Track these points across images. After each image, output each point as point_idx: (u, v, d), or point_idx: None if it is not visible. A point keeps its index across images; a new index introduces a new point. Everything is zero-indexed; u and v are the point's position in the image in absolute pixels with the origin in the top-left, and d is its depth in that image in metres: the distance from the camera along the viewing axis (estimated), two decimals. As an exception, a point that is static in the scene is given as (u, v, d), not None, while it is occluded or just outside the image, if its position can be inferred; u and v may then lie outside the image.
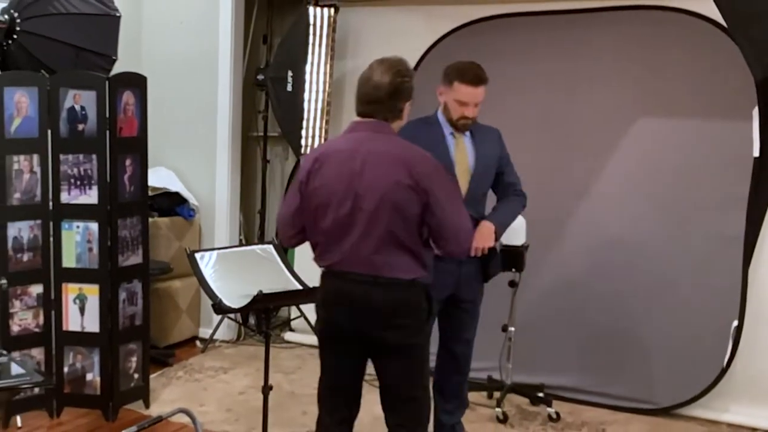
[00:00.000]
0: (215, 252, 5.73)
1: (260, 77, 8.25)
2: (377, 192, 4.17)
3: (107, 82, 6.08)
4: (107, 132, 6.09)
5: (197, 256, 5.59)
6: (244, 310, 5.20)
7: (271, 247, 5.92)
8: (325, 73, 7.67)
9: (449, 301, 5.49)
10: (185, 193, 8.15)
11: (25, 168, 5.96)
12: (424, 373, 4.52)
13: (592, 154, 6.88)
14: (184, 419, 5.49)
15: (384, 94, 4.29)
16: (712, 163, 6.50)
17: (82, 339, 6.24)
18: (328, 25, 7.63)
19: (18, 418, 6.10)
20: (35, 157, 6.00)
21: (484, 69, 5.28)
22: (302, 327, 8.29)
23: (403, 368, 4.45)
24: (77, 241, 6.15)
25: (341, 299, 4.37)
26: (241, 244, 8.29)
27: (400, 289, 4.27)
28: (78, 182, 6.09)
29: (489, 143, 5.47)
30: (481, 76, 5.24)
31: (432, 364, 5.81)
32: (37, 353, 6.16)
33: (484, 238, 5.24)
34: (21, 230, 5.99)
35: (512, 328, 6.45)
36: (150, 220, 6.95)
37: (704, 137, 6.53)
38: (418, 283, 4.32)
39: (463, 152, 5.38)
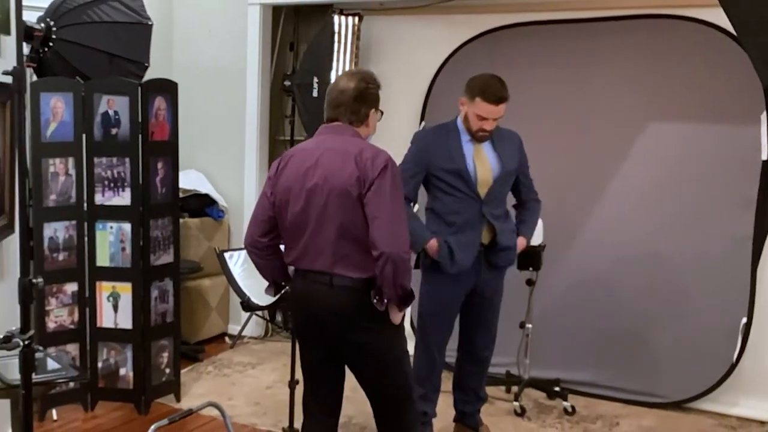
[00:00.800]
0: (243, 251, 5.71)
1: (287, 83, 8.24)
2: (327, 187, 4.13)
3: (140, 88, 6.08)
4: (140, 136, 6.10)
5: (226, 255, 5.59)
6: (271, 308, 5.20)
7: (298, 246, 5.90)
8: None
9: (470, 296, 5.54)
10: (215, 195, 8.15)
11: (60, 171, 5.96)
12: (400, 373, 4.44)
13: (606, 158, 6.86)
14: (213, 412, 5.49)
15: (348, 98, 4.31)
16: (723, 166, 6.47)
17: (115, 335, 6.24)
18: (353, 33, 7.62)
19: (54, 412, 6.12)
20: (70, 160, 6.00)
21: (506, 85, 5.31)
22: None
23: (376, 369, 4.39)
24: (111, 241, 6.14)
25: (304, 301, 4.34)
26: (268, 244, 8.26)
27: (357, 290, 4.17)
28: (111, 184, 6.09)
29: (509, 148, 5.51)
30: (502, 95, 5.26)
31: (453, 359, 5.87)
32: (72, 349, 6.17)
33: (520, 248, 5.61)
34: (57, 231, 5.99)
35: (530, 325, 6.47)
36: (180, 220, 6.96)
37: (715, 142, 6.50)
38: (360, 284, 4.19)
39: (483, 158, 5.42)
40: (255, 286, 5.31)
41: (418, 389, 5.61)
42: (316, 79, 7.66)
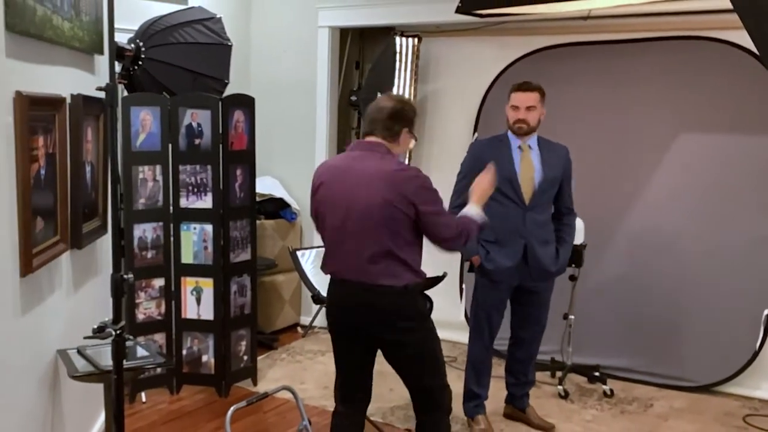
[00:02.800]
0: (314, 250, 5.72)
1: (353, 98, 8.25)
2: (367, 207, 4.10)
3: (220, 103, 6.10)
4: (220, 146, 6.11)
5: (298, 253, 5.60)
6: (339, 301, 5.16)
7: (362, 246, 5.89)
8: (409, 95, 7.63)
9: (517, 294, 5.60)
10: (288, 199, 8.15)
11: (148, 177, 5.99)
12: (433, 364, 4.41)
13: (640, 166, 6.87)
14: (287, 395, 5.48)
15: (384, 115, 4.26)
16: (747, 172, 6.49)
17: (198, 326, 6.26)
18: (413, 53, 7.61)
19: (143, 394, 6.16)
20: (158, 168, 6.03)
21: (535, 82, 5.41)
22: (390, 316, 8.21)
23: (409, 361, 4.36)
24: (194, 241, 6.16)
25: (344, 302, 4.31)
26: (336, 244, 8.27)
27: (393, 296, 4.16)
28: (195, 189, 6.11)
29: (555, 158, 5.51)
30: (529, 83, 5.40)
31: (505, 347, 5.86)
32: (159, 338, 6.20)
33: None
34: (145, 231, 6.02)
35: (572, 316, 6.48)
36: (257, 222, 6.97)
37: (739, 150, 6.51)
38: (410, 289, 4.20)
39: (528, 165, 5.43)
40: (324, 281, 5.31)
41: (472, 375, 5.63)
42: (379, 95, 7.61)
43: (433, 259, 4.67)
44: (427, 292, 5.23)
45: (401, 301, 4.18)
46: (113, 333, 3.52)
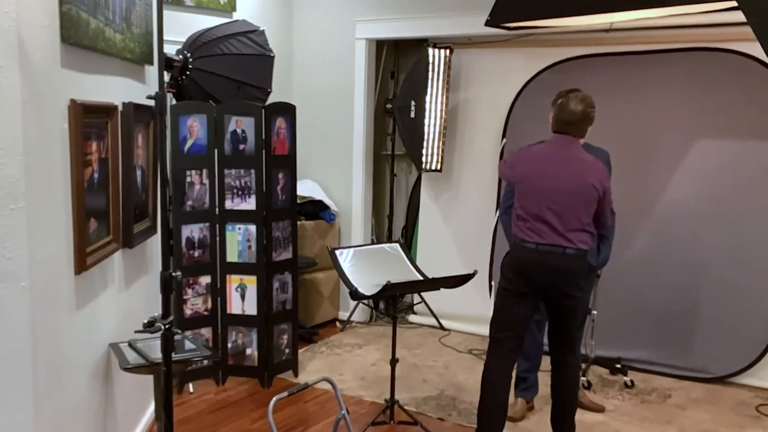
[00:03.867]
0: (352, 249, 5.70)
1: (388, 106, 8.25)
2: (575, 185, 4.71)
3: (263, 110, 6.08)
4: (263, 151, 6.10)
5: (337, 252, 5.57)
6: (375, 297, 5.17)
7: (397, 245, 5.91)
8: (441, 103, 7.62)
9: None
10: (327, 201, 8.13)
11: (196, 180, 5.99)
12: (585, 316, 5.25)
13: (659, 169, 6.87)
14: (326, 386, 5.48)
15: (577, 119, 4.84)
16: (760, 175, 6.50)
17: (242, 320, 6.26)
18: (444, 63, 7.59)
19: (190, 385, 6.17)
20: (204, 172, 6.03)
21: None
22: (423, 310, 8.25)
23: (574, 312, 4.87)
24: (239, 240, 6.16)
25: (538, 264, 4.76)
26: (372, 243, 8.27)
27: (578, 257, 4.74)
28: (239, 192, 6.10)
29: None
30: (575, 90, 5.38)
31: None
32: (206, 332, 6.20)
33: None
34: (193, 231, 6.02)
35: (595, 312, 6.41)
36: (298, 223, 6.95)
37: (754, 154, 6.51)
38: (585, 252, 4.79)
39: None
40: (361, 279, 5.31)
41: (520, 360, 5.74)
42: (413, 103, 7.65)
43: (463, 259, 4.70)
44: (458, 288, 5.26)
45: (582, 262, 4.80)
46: (162, 327, 3.51)
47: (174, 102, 6.02)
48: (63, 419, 3.62)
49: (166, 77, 5.83)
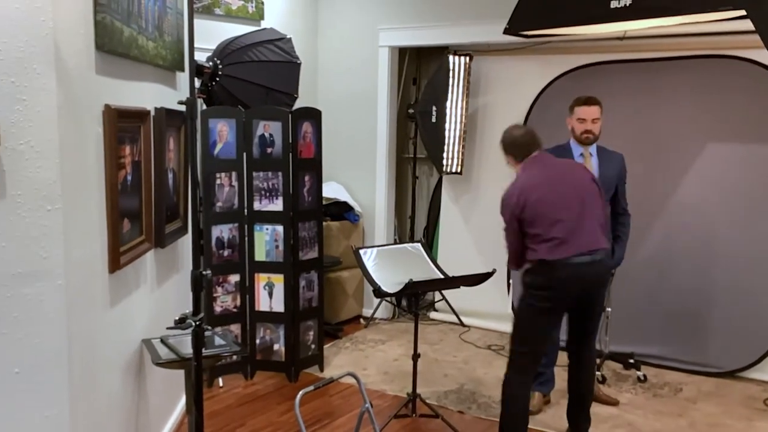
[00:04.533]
0: (375, 249, 5.68)
1: (411, 111, 8.24)
2: (586, 191, 4.68)
3: (290, 115, 6.07)
4: (290, 154, 6.09)
5: (361, 251, 5.55)
6: (398, 295, 5.15)
7: (419, 245, 5.90)
8: (461, 108, 7.60)
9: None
10: (351, 202, 8.12)
11: (225, 182, 5.98)
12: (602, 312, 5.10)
13: (671, 171, 6.85)
14: (350, 380, 5.45)
15: (530, 137, 4.83)
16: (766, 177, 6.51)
17: (270, 317, 6.25)
18: (464, 70, 7.57)
19: (220, 380, 6.17)
20: (233, 174, 6.03)
21: (598, 98, 5.57)
22: (444, 308, 8.24)
23: (597, 311, 4.91)
24: (266, 240, 6.15)
25: (578, 277, 4.56)
26: (395, 243, 8.25)
27: (607, 257, 4.73)
28: (267, 194, 6.10)
29: (612, 164, 5.65)
30: (591, 97, 5.55)
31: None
32: (235, 328, 6.20)
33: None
34: (222, 231, 6.02)
35: (609, 309, 6.42)
36: (324, 223, 6.95)
37: (761, 157, 6.48)
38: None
39: (589, 168, 5.49)
40: (384, 277, 5.31)
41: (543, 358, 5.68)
42: (434, 108, 7.64)
43: (482, 258, 4.69)
44: (477, 286, 5.23)
45: (608, 258, 4.76)
46: (193, 324, 3.50)
47: (204, 107, 6.03)
48: (98, 413, 3.62)
49: (197, 83, 5.83)
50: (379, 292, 5.16)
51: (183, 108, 3.51)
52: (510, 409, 4.75)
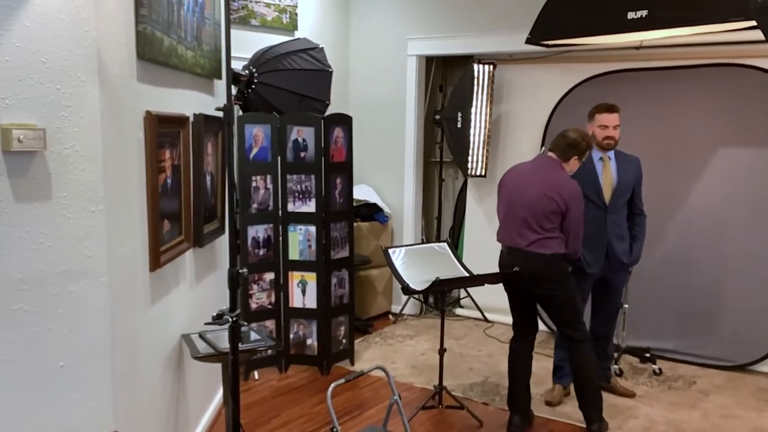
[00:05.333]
0: (403, 248, 5.66)
1: (437, 117, 8.20)
2: (536, 197, 4.90)
3: (322, 121, 6.06)
4: (323, 158, 6.08)
5: (390, 251, 5.54)
6: (425, 292, 5.13)
7: (445, 244, 5.88)
8: (485, 114, 7.58)
9: (598, 281, 5.68)
10: (381, 204, 8.11)
11: (260, 185, 5.98)
12: (570, 309, 5.06)
13: (685, 174, 6.82)
14: (380, 373, 5.45)
15: (565, 143, 4.99)
16: None
17: (303, 313, 6.24)
18: (488, 78, 7.55)
19: (255, 373, 6.17)
20: (268, 177, 6.02)
21: (617, 105, 5.55)
22: (469, 304, 8.19)
23: (549, 301, 5.10)
24: (300, 240, 6.15)
25: (508, 266, 5.05)
26: (422, 242, 8.23)
27: (543, 260, 4.92)
28: (300, 196, 6.09)
29: (629, 168, 5.64)
30: (612, 105, 5.53)
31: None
32: (270, 324, 6.20)
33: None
34: (258, 232, 6.02)
35: (626, 305, 6.42)
36: (354, 224, 6.93)
37: None
38: (557, 256, 4.93)
39: (608, 173, 5.56)
40: (412, 275, 5.30)
41: (557, 350, 5.90)
42: (459, 114, 7.63)
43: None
44: (497, 285, 5.24)
45: (548, 264, 4.95)
46: (230, 320, 3.50)
47: (240, 113, 6.02)
48: (139, 405, 3.62)
49: (234, 90, 5.83)
50: (407, 290, 5.14)
51: (220, 114, 3.50)
52: (508, 359, 5.31)
